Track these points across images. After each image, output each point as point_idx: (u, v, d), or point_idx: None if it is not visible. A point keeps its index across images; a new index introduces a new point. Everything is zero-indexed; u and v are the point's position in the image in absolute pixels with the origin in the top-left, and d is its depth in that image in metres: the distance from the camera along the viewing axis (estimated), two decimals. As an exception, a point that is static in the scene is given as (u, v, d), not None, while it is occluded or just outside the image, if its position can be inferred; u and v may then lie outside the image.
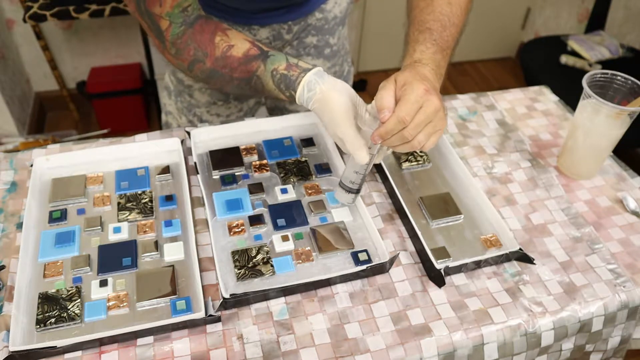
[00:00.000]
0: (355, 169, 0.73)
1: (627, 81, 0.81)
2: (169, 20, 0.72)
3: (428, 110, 0.65)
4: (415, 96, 0.65)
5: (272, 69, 0.73)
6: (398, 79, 0.67)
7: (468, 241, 0.76)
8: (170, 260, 0.71)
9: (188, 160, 0.84)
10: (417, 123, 0.65)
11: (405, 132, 0.66)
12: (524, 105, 1.01)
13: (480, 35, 2.67)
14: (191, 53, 0.74)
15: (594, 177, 0.87)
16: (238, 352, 0.62)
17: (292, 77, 0.72)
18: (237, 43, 0.74)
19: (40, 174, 0.81)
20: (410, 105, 0.65)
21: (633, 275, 0.73)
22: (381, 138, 0.67)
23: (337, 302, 0.67)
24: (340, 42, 1.06)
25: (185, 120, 1.07)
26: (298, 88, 0.72)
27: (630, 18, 2.11)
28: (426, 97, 0.65)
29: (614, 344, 0.74)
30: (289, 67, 0.72)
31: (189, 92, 1.03)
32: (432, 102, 0.65)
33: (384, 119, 0.65)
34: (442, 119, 0.68)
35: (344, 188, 0.76)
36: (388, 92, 0.66)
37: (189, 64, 0.75)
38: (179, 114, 1.07)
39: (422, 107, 0.65)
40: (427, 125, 0.67)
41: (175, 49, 0.74)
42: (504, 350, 0.66)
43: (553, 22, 2.53)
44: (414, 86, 0.65)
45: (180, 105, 1.06)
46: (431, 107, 0.65)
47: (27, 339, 0.62)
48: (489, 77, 2.68)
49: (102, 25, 2.14)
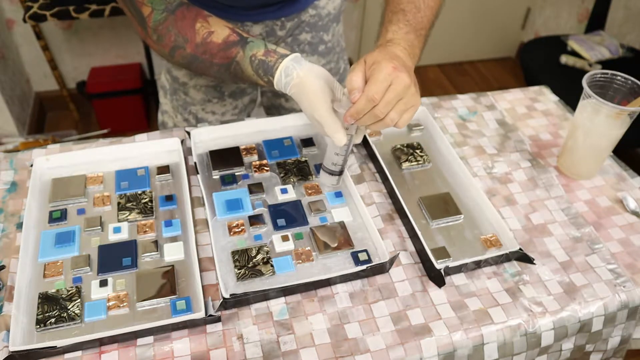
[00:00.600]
0: (336, 150, 0.76)
1: (627, 81, 0.81)
2: (151, 7, 0.74)
3: (397, 87, 0.66)
4: (383, 75, 0.66)
5: (251, 54, 0.74)
6: (367, 59, 0.69)
7: (468, 241, 0.76)
8: (170, 260, 0.71)
9: (188, 160, 0.84)
10: (387, 101, 0.67)
11: (376, 111, 0.67)
12: (524, 105, 1.01)
13: (480, 35, 2.67)
14: (172, 39, 0.75)
15: (594, 177, 0.87)
16: (238, 352, 0.62)
17: (270, 63, 0.73)
18: (217, 29, 0.75)
19: (40, 174, 0.81)
20: (379, 84, 0.66)
21: (633, 275, 0.73)
22: (353, 118, 0.68)
23: (337, 302, 0.67)
24: (335, 39, 1.06)
25: (181, 119, 1.07)
26: (276, 73, 0.73)
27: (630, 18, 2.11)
28: (395, 75, 0.66)
29: (614, 344, 0.74)
30: (267, 53, 0.74)
31: (184, 90, 1.03)
32: (400, 79, 0.66)
33: (354, 99, 0.67)
34: (413, 95, 0.69)
35: (327, 171, 0.78)
36: (357, 73, 0.68)
37: (170, 49, 0.77)
38: (174, 112, 1.07)
39: (391, 84, 0.66)
40: (399, 102, 0.68)
41: (157, 35, 0.76)
42: (504, 350, 0.66)
43: (553, 22, 2.53)
44: (381, 65, 0.67)
45: (176, 104, 1.06)
46: (400, 84, 0.67)
47: (27, 339, 0.62)
48: (489, 77, 2.68)
49: (102, 25, 2.14)
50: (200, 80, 1.01)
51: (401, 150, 0.88)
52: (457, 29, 2.57)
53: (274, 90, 1.10)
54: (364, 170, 0.84)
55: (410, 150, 0.88)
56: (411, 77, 0.69)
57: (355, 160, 0.86)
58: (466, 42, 2.67)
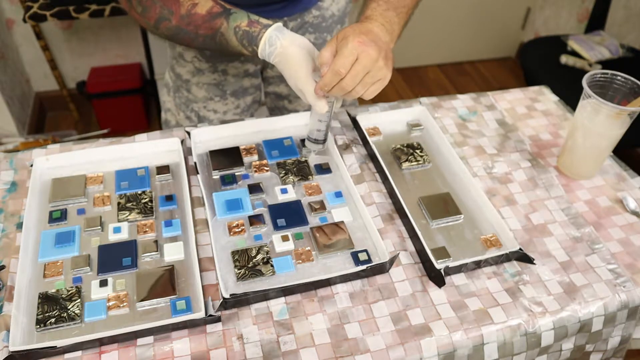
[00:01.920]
0: (319, 117, 0.80)
1: (627, 81, 0.81)
2: None
3: (363, 61, 0.68)
4: (349, 49, 0.68)
5: (235, 25, 0.76)
6: (339, 35, 0.71)
7: (468, 241, 0.76)
8: (170, 260, 0.71)
9: (188, 160, 0.84)
10: (353, 74, 0.69)
11: (343, 83, 0.70)
12: (524, 105, 1.01)
13: (480, 35, 2.67)
14: (157, 11, 0.77)
15: (594, 177, 0.87)
16: (238, 352, 0.62)
17: (254, 33, 0.75)
18: (200, 1, 0.77)
19: (40, 174, 0.81)
20: (345, 58, 0.68)
21: (633, 275, 0.73)
22: (322, 91, 0.72)
23: (337, 302, 0.67)
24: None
25: (183, 117, 1.07)
26: (260, 43, 0.75)
27: (630, 18, 2.11)
28: (361, 49, 0.68)
29: (614, 344, 0.74)
30: (251, 23, 0.76)
31: (187, 87, 1.04)
32: (366, 53, 0.68)
33: (322, 73, 0.70)
34: (380, 68, 0.70)
35: (311, 140, 0.83)
36: (327, 48, 0.71)
37: (155, 21, 0.78)
38: (177, 110, 1.08)
39: (357, 58, 0.68)
40: (366, 75, 0.70)
41: (142, 7, 0.77)
42: (504, 350, 0.66)
43: (553, 22, 2.53)
44: (348, 39, 0.69)
45: (179, 101, 1.07)
46: (366, 58, 0.69)
47: (27, 339, 0.62)
48: (489, 77, 2.68)
49: (102, 25, 2.13)
50: (202, 77, 1.02)
51: (401, 150, 0.88)
52: (457, 29, 2.57)
53: (277, 92, 1.10)
54: (364, 170, 0.84)
55: (410, 150, 0.88)
56: (381, 51, 0.70)
57: (355, 160, 0.86)
58: (466, 42, 2.67)
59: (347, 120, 0.94)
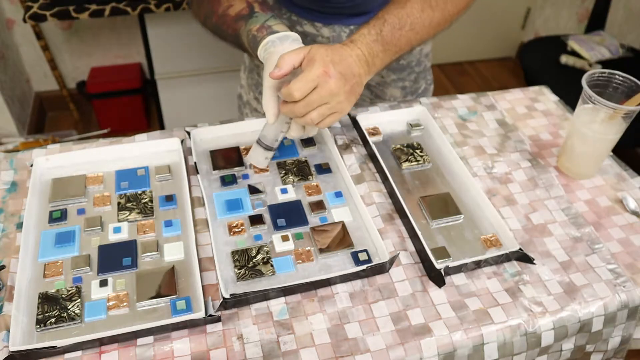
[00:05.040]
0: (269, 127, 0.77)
1: (626, 80, 0.81)
2: None
3: (322, 92, 0.67)
4: (311, 75, 0.66)
5: (248, 29, 0.77)
6: (312, 50, 0.69)
7: (468, 241, 0.76)
8: (170, 260, 0.71)
9: (188, 160, 0.84)
10: (307, 102, 0.67)
11: (295, 107, 0.68)
12: (524, 105, 1.01)
13: (480, 35, 2.67)
14: (205, 9, 0.85)
15: (593, 177, 0.87)
16: (238, 352, 0.62)
17: (258, 38, 0.76)
18: (235, 3, 0.80)
19: (40, 174, 0.81)
20: (303, 83, 0.66)
21: (633, 275, 0.73)
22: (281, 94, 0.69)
23: (337, 302, 0.67)
24: (411, 57, 1.05)
25: (252, 96, 1.11)
26: (259, 47, 0.75)
27: (630, 18, 2.11)
28: (323, 79, 0.66)
29: (615, 344, 0.74)
30: (261, 28, 0.76)
31: (258, 70, 1.07)
32: (327, 85, 0.66)
33: (272, 74, 0.68)
34: (339, 102, 0.69)
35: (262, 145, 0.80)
36: (291, 55, 0.68)
37: (203, 18, 0.86)
38: (249, 89, 1.12)
39: (316, 87, 0.67)
40: (322, 105, 0.68)
41: (196, 5, 0.87)
42: (504, 350, 0.66)
43: (553, 22, 2.53)
44: (314, 65, 0.67)
45: (250, 82, 1.10)
46: (325, 90, 0.67)
47: (27, 339, 0.62)
48: (489, 77, 2.68)
49: (102, 25, 2.14)
50: None
51: (401, 150, 0.88)
52: (457, 29, 2.56)
53: None
54: (364, 170, 0.84)
55: (410, 150, 0.88)
56: (346, 84, 0.68)
57: (355, 160, 0.86)
58: (466, 42, 2.67)
59: (347, 120, 0.94)
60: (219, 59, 2.00)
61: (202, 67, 2.01)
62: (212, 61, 2.01)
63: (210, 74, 2.04)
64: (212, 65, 2.02)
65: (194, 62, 1.99)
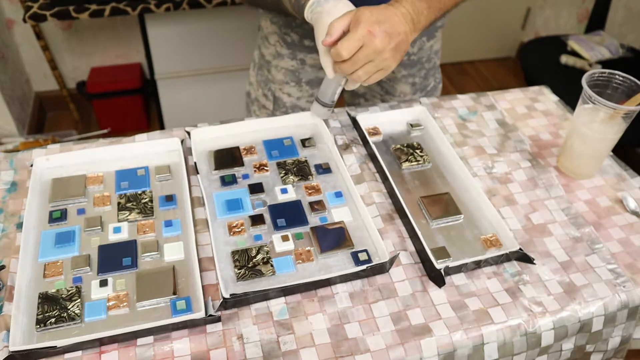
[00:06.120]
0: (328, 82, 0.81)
1: (626, 80, 0.81)
2: None
3: (367, 50, 0.70)
4: (357, 35, 0.70)
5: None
6: (357, 13, 0.72)
7: (468, 241, 0.76)
8: (170, 260, 0.71)
9: (188, 160, 0.84)
10: (354, 60, 0.71)
11: (343, 66, 0.73)
12: (524, 105, 1.01)
13: (480, 35, 2.67)
14: None
15: (593, 177, 0.87)
16: (238, 352, 0.62)
17: (302, 1, 0.78)
18: None
19: (40, 174, 0.81)
20: (350, 43, 0.70)
21: (633, 275, 0.73)
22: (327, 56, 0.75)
23: (337, 302, 0.67)
24: (422, 53, 1.07)
25: (261, 93, 1.12)
26: (304, 9, 0.78)
27: (630, 18, 2.11)
28: (368, 38, 0.70)
29: (615, 344, 0.74)
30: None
31: (267, 67, 1.08)
32: (372, 44, 0.70)
33: (324, 42, 0.73)
34: (385, 60, 0.72)
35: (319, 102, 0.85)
36: (339, 21, 0.72)
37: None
38: (257, 86, 1.13)
39: (362, 46, 0.70)
40: (368, 63, 0.71)
41: None
42: (504, 350, 0.66)
43: (553, 22, 2.53)
44: (360, 26, 0.70)
45: (259, 79, 1.11)
46: (370, 48, 0.70)
47: (27, 339, 0.62)
48: (489, 77, 2.68)
49: (102, 25, 2.14)
50: (282, 62, 1.05)
51: (401, 150, 0.88)
52: (457, 29, 2.57)
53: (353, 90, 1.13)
54: (364, 170, 0.84)
55: (410, 150, 0.88)
56: (391, 42, 0.71)
57: (355, 160, 0.86)
58: (466, 42, 2.67)
59: (347, 120, 0.94)
60: (219, 59, 2.00)
61: (202, 67, 2.01)
62: (212, 61, 2.01)
63: (210, 73, 2.04)
64: (212, 65, 2.02)
65: (194, 62, 1.99)
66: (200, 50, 1.97)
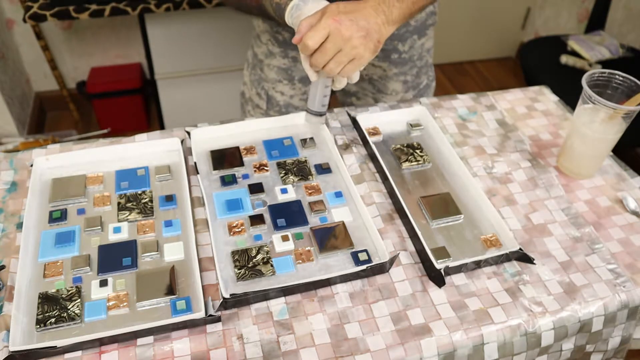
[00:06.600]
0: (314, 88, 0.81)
1: (625, 80, 0.81)
2: None
3: (334, 38, 0.70)
4: (322, 24, 0.70)
5: None
6: (324, 8, 0.72)
7: (468, 241, 0.76)
8: (170, 260, 0.71)
9: (188, 160, 0.84)
10: (322, 51, 0.71)
11: (313, 59, 0.72)
12: (524, 105, 1.01)
13: (480, 35, 2.67)
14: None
15: (593, 177, 0.87)
16: (238, 352, 0.62)
17: (282, 6, 0.78)
18: None
19: (40, 174, 0.81)
20: (314, 32, 0.70)
21: (633, 275, 0.73)
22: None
23: (337, 302, 0.67)
24: (413, 51, 1.06)
25: (255, 92, 1.12)
26: (285, 14, 0.78)
27: (630, 18, 2.11)
28: (334, 26, 0.70)
29: (615, 344, 0.74)
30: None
31: (260, 66, 1.09)
32: (338, 31, 0.70)
33: (294, 40, 0.72)
34: (354, 47, 0.71)
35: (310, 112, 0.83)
36: (308, 19, 0.72)
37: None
38: (251, 85, 1.13)
39: (329, 36, 0.70)
40: (338, 53, 0.71)
41: None
42: (504, 350, 0.66)
43: (553, 22, 2.53)
44: (324, 16, 0.70)
45: (253, 78, 1.12)
46: (337, 36, 0.70)
47: (27, 339, 0.62)
48: (489, 77, 2.68)
49: (102, 25, 2.13)
50: (274, 60, 1.06)
51: (401, 150, 0.88)
52: (457, 29, 2.57)
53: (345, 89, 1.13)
54: (364, 170, 0.84)
55: (410, 150, 0.88)
56: (360, 30, 0.71)
57: (355, 160, 0.86)
58: (466, 42, 2.67)
59: (347, 120, 0.94)
60: (219, 59, 2.00)
61: (202, 67, 2.01)
62: (212, 61, 2.01)
63: (210, 73, 2.04)
64: (212, 65, 2.02)
65: (194, 62, 1.99)
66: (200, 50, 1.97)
